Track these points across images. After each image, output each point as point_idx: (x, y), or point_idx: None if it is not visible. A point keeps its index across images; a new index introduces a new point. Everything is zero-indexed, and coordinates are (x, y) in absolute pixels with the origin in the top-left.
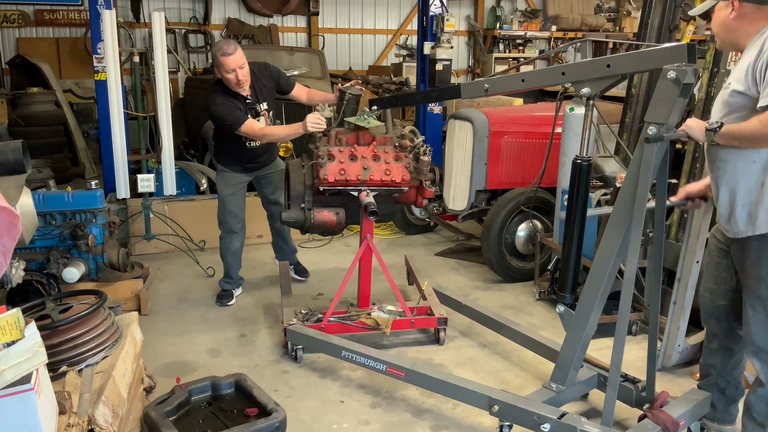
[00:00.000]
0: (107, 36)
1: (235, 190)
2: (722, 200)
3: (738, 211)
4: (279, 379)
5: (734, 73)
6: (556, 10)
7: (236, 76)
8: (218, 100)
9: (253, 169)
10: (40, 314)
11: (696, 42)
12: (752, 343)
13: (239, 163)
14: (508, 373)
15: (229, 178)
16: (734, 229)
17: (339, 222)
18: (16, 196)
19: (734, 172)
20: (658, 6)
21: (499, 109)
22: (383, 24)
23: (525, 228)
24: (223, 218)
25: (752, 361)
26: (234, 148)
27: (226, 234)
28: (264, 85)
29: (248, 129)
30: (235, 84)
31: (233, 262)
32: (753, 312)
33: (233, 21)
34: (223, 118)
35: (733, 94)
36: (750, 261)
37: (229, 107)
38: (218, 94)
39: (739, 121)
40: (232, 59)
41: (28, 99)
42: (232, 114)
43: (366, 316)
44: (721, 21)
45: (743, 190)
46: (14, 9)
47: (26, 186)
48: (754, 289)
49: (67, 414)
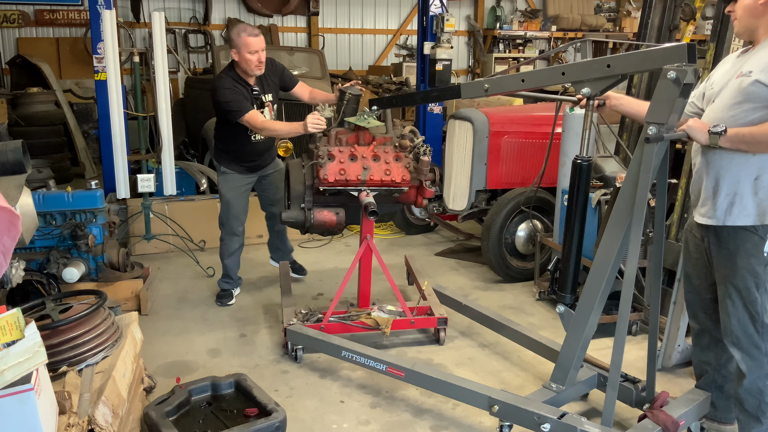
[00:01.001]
0: (107, 36)
1: (238, 192)
2: (707, 185)
3: (720, 199)
4: (279, 379)
5: (758, 63)
6: (556, 10)
7: (258, 57)
8: (226, 85)
9: (255, 169)
10: (40, 314)
11: (696, 42)
12: (731, 333)
13: (240, 162)
14: (508, 373)
15: (233, 180)
16: (709, 214)
17: (339, 222)
18: (16, 196)
19: (729, 161)
20: (658, 6)
21: (499, 109)
22: (383, 24)
23: (525, 228)
24: (225, 220)
25: (732, 351)
26: (237, 144)
27: (227, 236)
28: (270, 78)
29: (251, 119)
30: (255, 66)
31: (232, 264)
32: (731, 302)
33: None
34: (229, 104)
35: (756, 84)
36: (726, 252)
37: (236, 94)
38: (227, 80)
39: (751, 113)
40: (258, 41)
41: (28, 99)
42: (238, 101)
43: (366, 316)
44: (747, 4)
45: (732, 179)
46: (14, 9)
47: (26, 186)
48: (731, 280)
49: (67, 414)
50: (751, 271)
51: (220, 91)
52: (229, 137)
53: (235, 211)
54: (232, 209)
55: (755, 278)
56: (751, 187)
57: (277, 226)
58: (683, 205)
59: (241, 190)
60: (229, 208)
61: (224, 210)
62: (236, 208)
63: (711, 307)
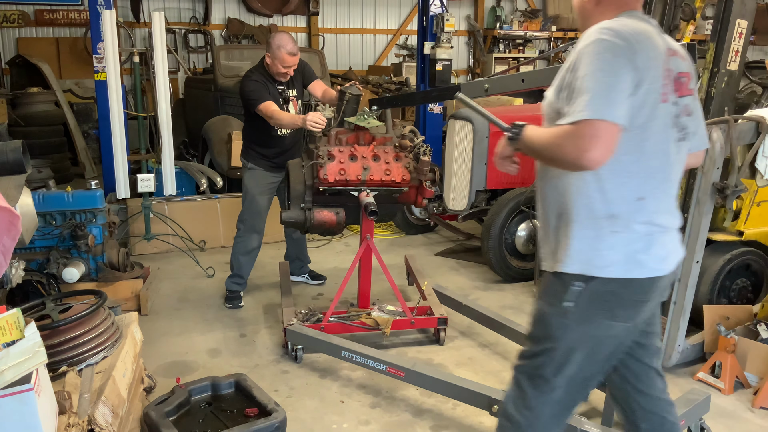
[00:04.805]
0: (107, 36)
1: (263, 189)
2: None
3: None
4: (279, 379)
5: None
6: (556, 10)
7: (288, 72)
8: (253, 77)
9: (281, 166)
10: (40, 314)
11: (696, 42)
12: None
13: (266, 157)
14: (508, 373)
15: (259, 177)
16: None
17: (339, 222)
18: (16, 196)
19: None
20: (658, 6)
21: (499, 109)
22: (383, 24)
23: (525, 228)
24: (247, 216)
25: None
26: (264, 138)
27: (247, 232)
28: (296, 74)
29: (265, 108)
30: (281, 76)
31: (247, 262)
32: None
33: (233, 21)
34: (250, 93)
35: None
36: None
37: (259, 85)
38: (255, 73)
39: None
40: (293, 59)
41: (28, 99)
42: (258, 91)
43: (366, 316)
44: (579, 2)
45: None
46: (14, 9)
47: (26, 186)
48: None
49: (67, 414)
50: None
51: (246, 81)
52: (256, 132)
53: (259, 208)
54: (255, 205)
55: None
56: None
57: (296, 233)
58: (683, 205)
59: (266, 187)
60: (253, 204)
61: (247, 206)
62: (260, 204)
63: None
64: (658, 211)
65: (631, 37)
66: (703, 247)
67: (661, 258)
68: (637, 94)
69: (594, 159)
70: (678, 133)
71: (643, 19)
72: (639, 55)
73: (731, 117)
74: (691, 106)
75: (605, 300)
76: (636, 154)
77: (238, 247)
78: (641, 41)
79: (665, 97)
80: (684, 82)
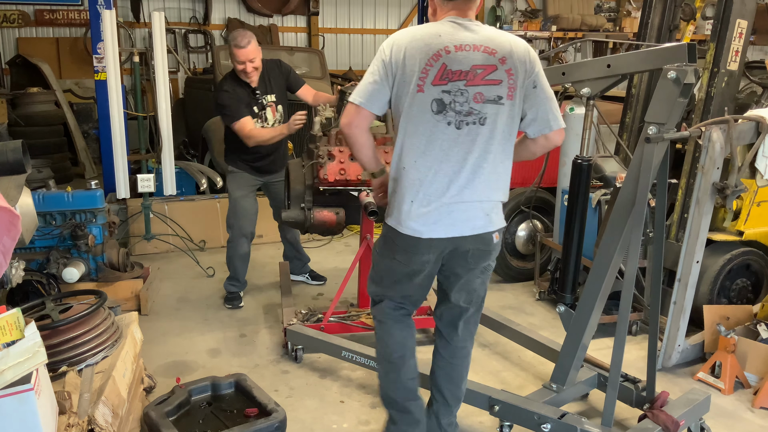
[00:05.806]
0: (107, 36)
1: (246, 192)
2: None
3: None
4: (279, 379)
5: None
6: (556, 10)
7: (245, 68)
8: (225, 87)
9: (262, 170)
10: (40, 314)
11: (696, 42)
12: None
13: (246, 162)
14: (508, 373)
15: (240, 180)
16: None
17: (339, 222)
18: (16, 196)
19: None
20: (658, 6)
21: None
22: (383, 24)
23: (525, 228)
24: (233, 221)
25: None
26: (242, 144)
27: (236, 237)
28: (274, 79)
29: (240, 127)
30: (245, 75)
31: (241, 266)
32: None
33: (233, 21)
34: (225, 108)
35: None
36: None
37: (233, 99)
38: (227, 82)
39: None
40: (243, 52)
41: (28, 99)
42: (233, 107)
43: (366, 316)
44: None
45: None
46: (14, 9)
47: (26, 186)
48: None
49: (67, 414)
50: None
51: (220, 93)
52: (235, 138)
53: (243, 211)
54: (239, 208)
55: None
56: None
57: (289, 234)
58: (683, 205)
59: (248, 189)
60: (236, 206)
61: (231, 209)
62: (243, 207)
63: None
64: (422, 182)
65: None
66: (703, 247)
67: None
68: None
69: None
70: (458, 117)
71: (444, 23)
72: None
73: (731, 117)
74: (486, 93)
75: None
76: (401, 133)
77: (230, 252)
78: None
79: (421, 87)
80: (479, 73)
